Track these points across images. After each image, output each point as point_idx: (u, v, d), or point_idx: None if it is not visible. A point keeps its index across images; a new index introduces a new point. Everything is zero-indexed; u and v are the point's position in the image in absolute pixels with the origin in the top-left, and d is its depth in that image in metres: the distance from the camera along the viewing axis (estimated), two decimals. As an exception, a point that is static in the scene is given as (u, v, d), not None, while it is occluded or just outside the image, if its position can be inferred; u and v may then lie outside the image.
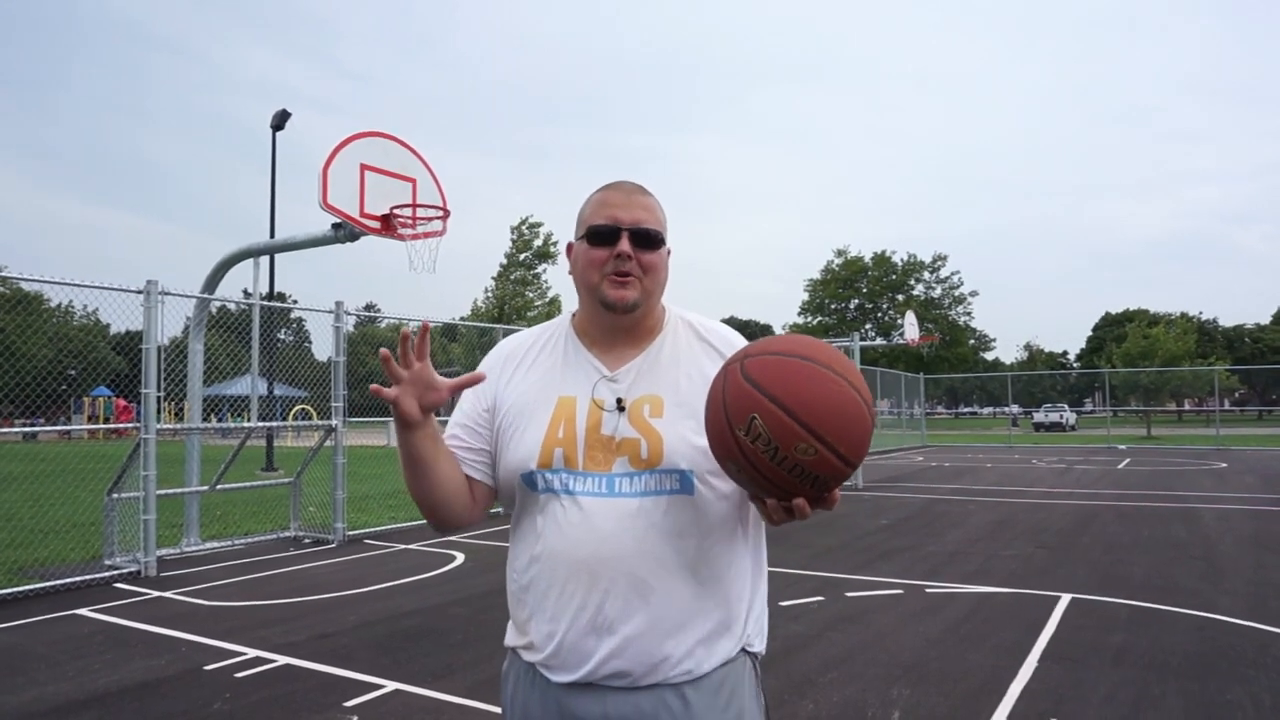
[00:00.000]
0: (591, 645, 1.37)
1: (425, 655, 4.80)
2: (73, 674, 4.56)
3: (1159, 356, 37.01)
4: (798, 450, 1.16)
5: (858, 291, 57.03)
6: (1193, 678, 4.29)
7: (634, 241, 1.45)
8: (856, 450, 1.19)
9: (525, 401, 1.50)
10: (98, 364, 36.21)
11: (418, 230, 8.51)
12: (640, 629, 1.37)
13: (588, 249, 1.48)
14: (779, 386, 1.18)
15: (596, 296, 1.47)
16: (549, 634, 1.41)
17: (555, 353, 1.55)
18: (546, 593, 1.42)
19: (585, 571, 1.38)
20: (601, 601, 1.37)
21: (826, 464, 1.17)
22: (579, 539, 1.39)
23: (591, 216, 1.49)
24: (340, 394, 9.10)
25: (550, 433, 1.45)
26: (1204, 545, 8.13)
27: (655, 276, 1.48)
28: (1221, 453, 22.92)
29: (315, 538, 9.03)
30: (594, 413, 1.45)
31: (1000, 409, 62.44)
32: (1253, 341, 62.05)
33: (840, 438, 1.17)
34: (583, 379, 1.50)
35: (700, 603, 1.40)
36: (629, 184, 1.53)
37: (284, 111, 18.22)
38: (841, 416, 1.17)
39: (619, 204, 1.47)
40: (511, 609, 1.51)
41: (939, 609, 5.76)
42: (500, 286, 37.56)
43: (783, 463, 1.17)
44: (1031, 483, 14.76)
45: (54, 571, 7.11)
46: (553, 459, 1.43)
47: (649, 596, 1.37)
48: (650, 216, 1.48)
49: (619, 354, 1.51)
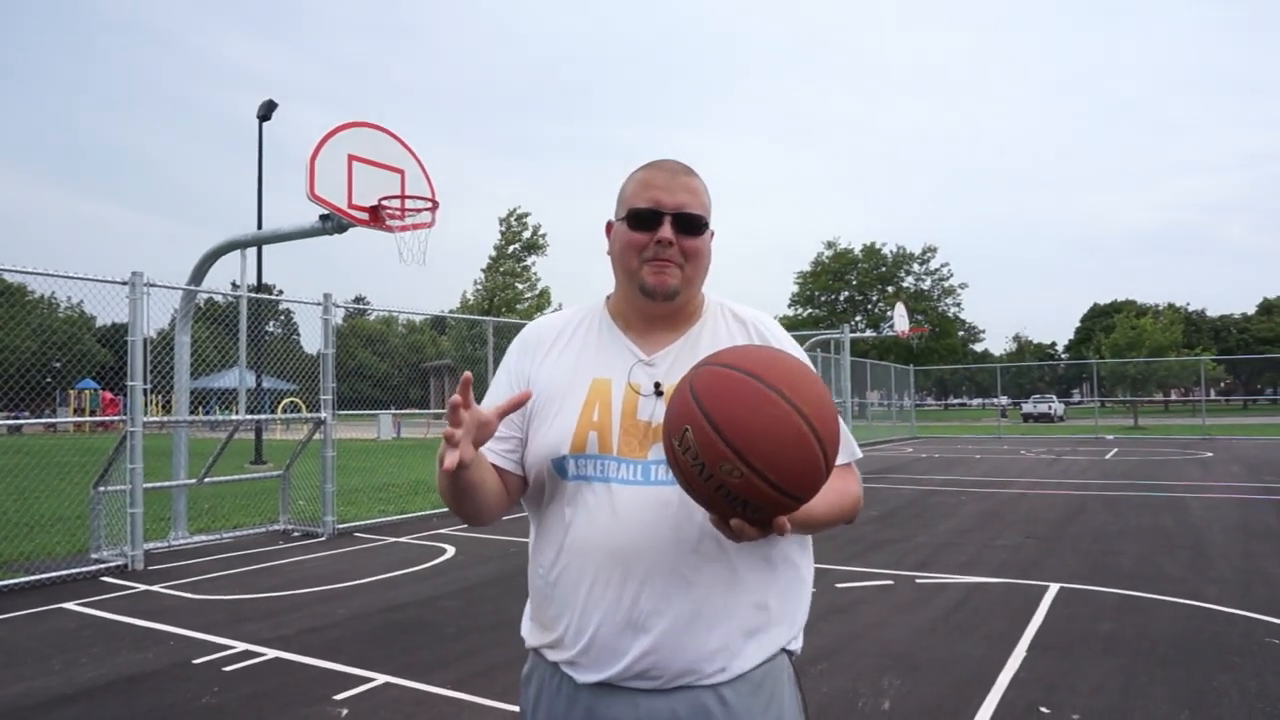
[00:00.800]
0: (626, 641, 1.31)
1: (416, 648, 4.78)
2: (59, 668, 4.52)
3: (1146, 347, 37.25)
4: (722, 470, 1.09)
5: (847, 284, 57.19)
6: (1180, 665, 4.32)
7: (676, 226, 1.38)
8: (791, 480, 1.10)
9: (558, 385, 1.43)
10: (83, 356, 35.97)
11: (406, 221, 8.47)
12: (677, 624, 1.30)
13: (627, 231, 1.40)
14: (713, 402, 1.12)
15: (635, 282, 1.41)
16: (579, 629, 1.34)
17: (589, 335, 1.48)
18: (577, 586, 1.35)
19: (619, 563, 1.31)
20: (637, 595, 1.30)
21: (754, 489, 1.09)
22: (613, 528, 1.32)
23: (633, 197, 1.42)
24: (329, 386, 9.05)
25: (584, 416, 1.38)
26: (1191, 534, 8.19)
27: (698, 263, 1.42)
28: (1208, 442, 23.10)
29: (304, 531, 8.99)
30: (630, 397, 1.38)
31: (989, 400, 62.73)
32: (1238, 332, 62.52)
33: (770, 465, 1.08)
34: (618, 362, 1.43)
35: (740, 597, 1.34)
36: (673, 163, 1.45)
37: (270, 102, 18.07)
38: (774, 443, 1.09)
39: (662, 185, 1.40)
40: (535, 606, 1.45)
41: (929, 599, 5.78)
42: (490, 278, 37.44)
43: (709, 480, 1.11)
44: (1020, 473, 14.83)
45: (39, 565, 7.05)
46: (586, 443, 1.36)
47: (687, 590, 1.30)
48: (695, 200, 1.41)
49: (656, 338, 1.45)
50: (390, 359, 54.52)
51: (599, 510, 1.34)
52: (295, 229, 8.54)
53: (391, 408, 35.08)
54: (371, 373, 46.93)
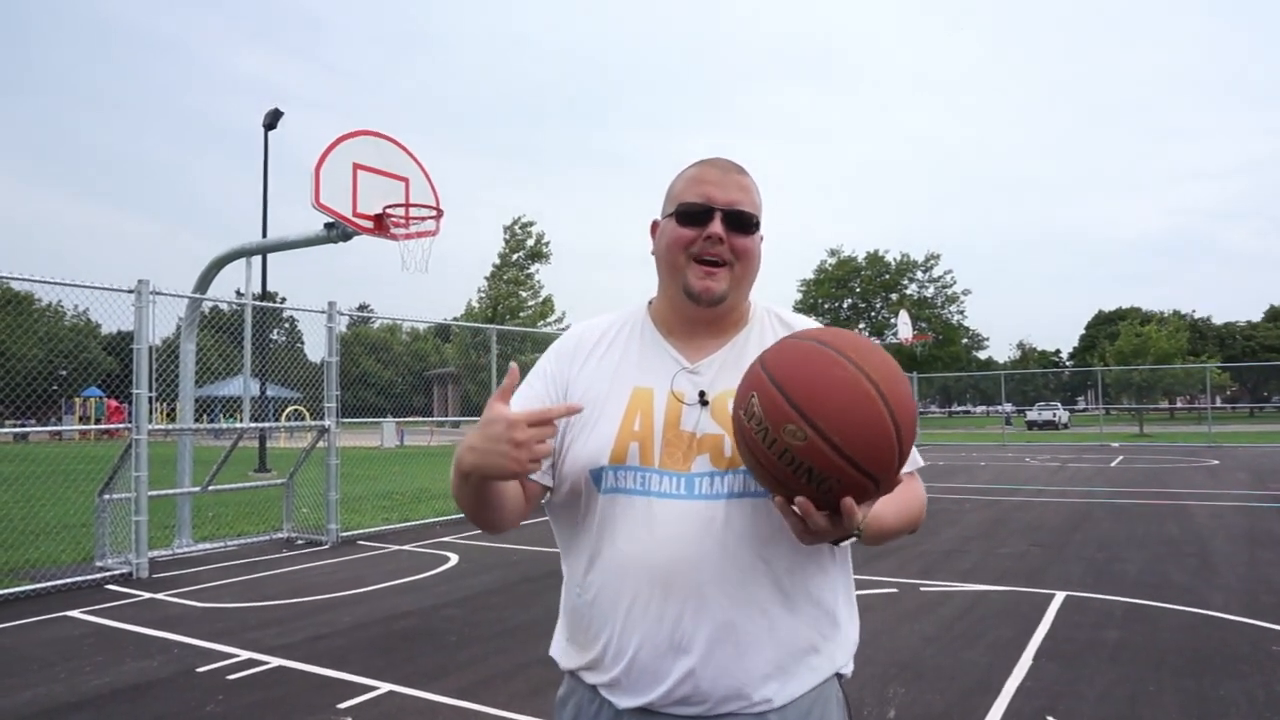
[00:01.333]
0: (668, 664, 1.24)
1: (420, 656, 4.77)
2: (64, 676, 4.53)
3: (1151, 354, 37.15)
4: (786, 433, 1.06)
5: (851, 291, 57.09)
6: (1188, 674, 4.29)
7: (727, 223, 1.32)
8: (856, 444, 1.05)
9: (597, 393, 1.37)
10: (89, 364, 36.07)
11: (411, 230, 8.49)
12: (721, 647, 1.24)
13: (675, 227, 1.35)
14: (779, 366, 1.11)
15: (680, 282, 1.34)
16: (619, 650, 1.28)
17: (630, 341, 1.42)
18: (615, 604, 1.28)
19: (660, 581, 1.25)
20: (679, 615, 1.24)
21: (818, 453, 1.05)
22: (654, 544, 1.26)
23: (683, 193, 1.36)
24: (333, 394, 9.05)
25: (625, 425, 1.32)
26: (1197, 542, 8.15)
27: (747, 263, 1.36)
28: (1214, 450, 23.00)
29: (308, 539, 8.99)
30: (673, 406, 1.32)
31: (993, 407, 62.62)
32: (1244, 339, 62.32)
33: (833, 424, 1.05)
34: (660, 370, 1.37)
35: (788, 620, 1.27)
36: (726, 161, 1.40)
37: (276, 110, 18.12)
38: (837, 399, 1.06)
39: (714, 181, 1.35)
40: (570, 625, 1.38)
41: (934, 607, 5.76)
42: (493, 286, 37.50)
43: (772, 446, 1.08)
44: (1025, 481, 14.79)
45: (45, 573, 7.06)
46: (627, 454, 1.30)
47: (732, 611, 1.24)
48: (747, 198, 1.36)
49: (700, 345, 1.39)
50: (394, 367, 54.60)
51: (639, 525, 1.27)
52: (300, 237, 8.57)
53: (395, 416, 35.13)
54: (375, 380, 47.02)
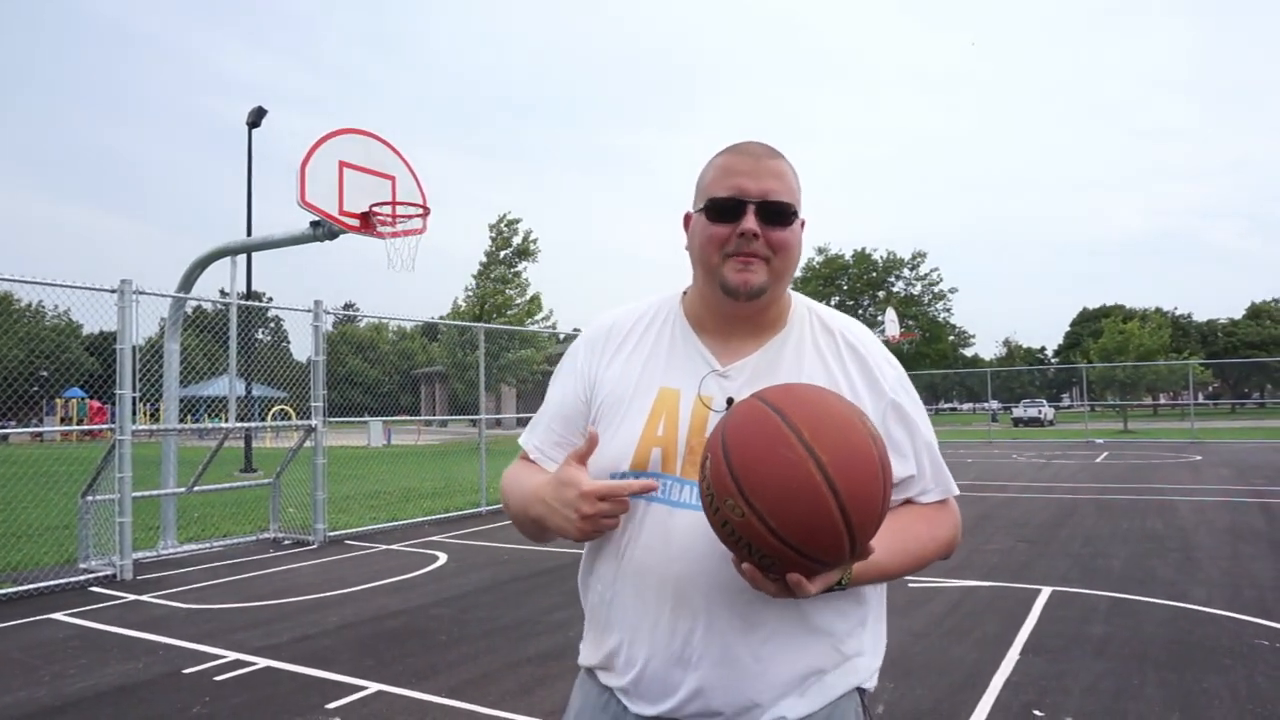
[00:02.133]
0: (678, 678, 1.21)
1: (408, 656, 4.75)
2: (48, 679, 4.48)
3: (1134, 351, 37.45)
4: (726, 505, 1.03)
5: (838, 289, 57.34)
6: (1172, 668, 4.33)
7: (762, 216, 1.24)
8: (792, 530, 1.00)
9: (622, 389, 1.31)
10: (70, 365, 35.75)
11: (397, 228, 8.46)
12: (733, 665, 1.20)
13: (707, 224, 1.27)
14: (734, 433, 1.06)
15: (716, 279, 1.27)
16: (629, 659, 1.26)
17: (661, 336, 1.35)
18: (628, 613, 1.26)
19: (673, 595, 1.22)
20: (690, 631, 1.21)
21: (754, 532, 1.02)
22: (669, 556, 1.22)
23: (713, 185, 1.28)
24: (320, 394, 9.01)
25: (648, 429, 1.27)
26: (1181, 537, 8.23)
27: (786, 256, 1.27)
28: (1196, 446, 23.21)
29: (295, 539, 8.94)
30: (699, 411, 1.26)
31: (980, 404, 62.99)
32: (1226, 336, 62.94)
33: (769, 507, 1.00)
34: (690, 371, 1.30)
35: (805, 636, 1.23)
36: (757, 145, 1.30)
37: (260, 108, 18.00)
38: (776, 482, 1.00)
39: (746, 171, 1.26)
40: (590, 625, 1.36)
41: (922, 603, 5.79)
42: (480, 285, 37.39)
43: (716, 513, 1.06)
44: (1011, 477, 14.88)
45: (27, 575, 6.99)
46: (649, 460, 1.25)
47: (746, 629, 1.20)
48: (782, 186, 1.26)
49: (735, 346, 1.31)
50: (380, 366, 54.36)
51: (655, 535, 1.24)
52: (286, 236, 8.51)
53: (382, 415, 34.97)
54: (362, 380, 46.79)
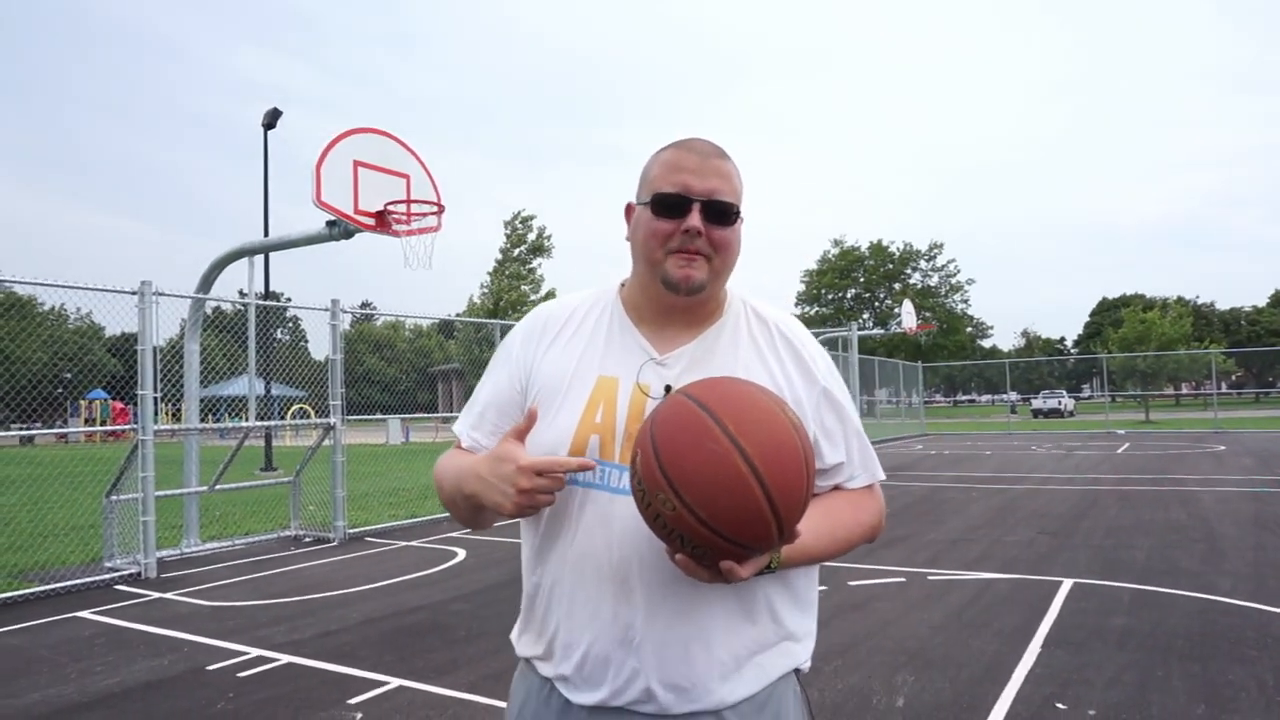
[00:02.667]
0: (619, 660, 1.23)
1: (429, 652, 4.79)
2: (75, 676, 4.55)
3: (1155, 341, 37.07)
4: (657, 500, 1.06)
5: (855, 281, 57.10)
6: (1196, 659, 4.29)
7: (706, 215, 1.26)
8: (723, 520, 1.04)
9: (560, 378, 1.33)
10: (93, 367, 36.11)
11: (412, 226, 8.48)
12: (675, 647, 1.22)
13: (651, 218, 1.29)
14: (661, 429, 1.09)
15: (658, 274, 1.29)
16: (568, 645, 1.27)
17: (599, 326, 1.37)
18: (568, 600, 1.27)
19: (615, 579, 1.23)
20: (633, 613, 1.23)
21: (685, 524, 1.05)
22: (609, 541, 1.24)
23: (659, 180, 1.29)
24: (338, 392, 9.07)
25: (586, 416, 1.29)
26: (1204, 528, 8.14)
27: (727, 255, 1.30)
28: (1220, 435, 22.97)
29: (316, 536, 9.01)
30: (638, 399, 1.28)
31: (998, 396, 62.54)
32: (1249, 324, 62.17)
33: (698, 499, 1.04)
34: (628, 359, 1.33)
35: (744, 618, 1.26)
36: (704, 143, 1.32)
37: (275, 110, 18.16)
38: (705, 475, 1.04)
39: (692, 168, 1.28)
40: (526, 614, 1.37)
41: (942, 596, 5.76)
42: (496, 282, 37.52)
43: (648, 508, 1.08)
44: (1031, 469, 14.78)
45: (54, 574, 7.09)
46: (586, 447, 1.27)
47: (687, 610, 1.23)
48: (727, 186, 1.29)
49: (671, 336, 1.34)
50: (398, 364, 54.64)
51: (595, 521, 1.26)
52: (302, 235, 8.56)
53: (400, 413, 35.16)
54: (379, 378, 47.06)
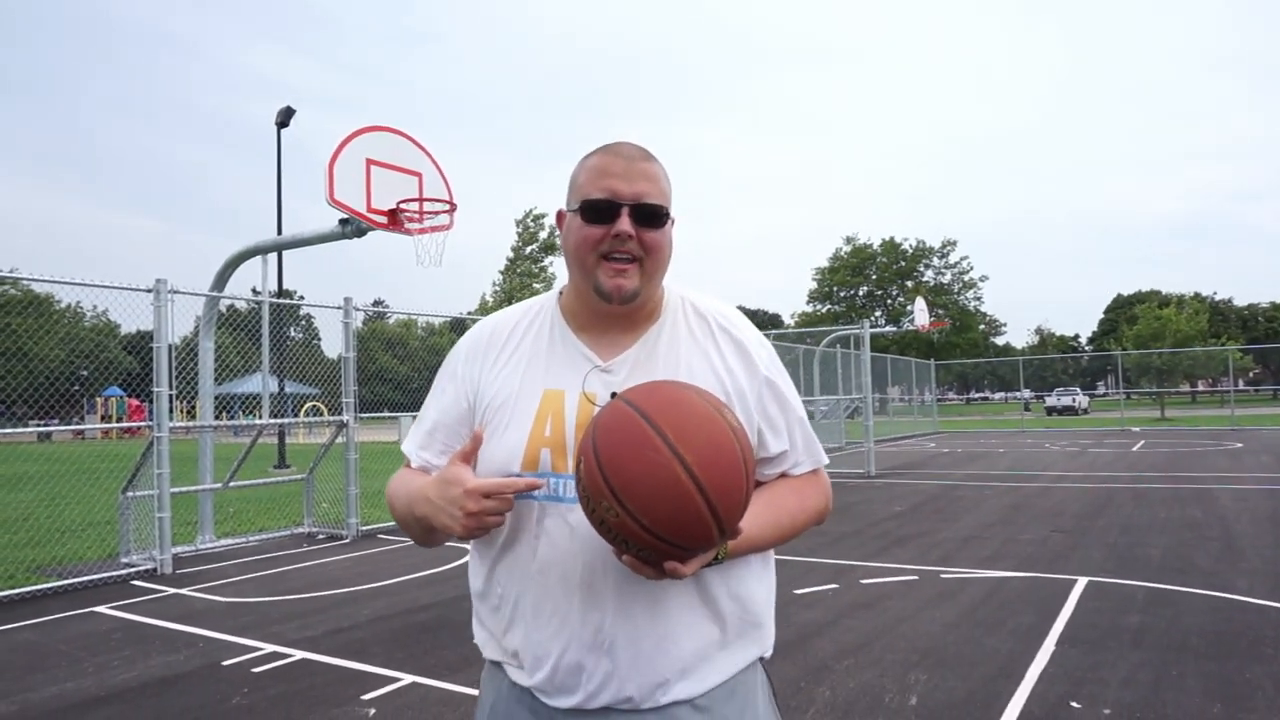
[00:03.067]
0: (591, 666, 1.24)
1: (441, 648, 4.81)
2: (92, 670, 4.59)
3: (1171, 338, 36.76)
4: (602, 507, 1.08)
5: (867, 279, 56.83)
6: (1212, 658, 4.26)
7: (635, 218, 1.27)
8: (665, 526, 1.06)
9: (506, 394, 1.34)
10: (109, 364, 36.39)
11: (424, 224, 8.51)
12: (645, 646, 1.24)
13: (582, 225, 1.29)
14: (604, 438, 1.10)
15: (591, 283, 1.30)
16: (540, 657, 1.27)
17: (540, 338, 1.38)
18: (534, 612, 1.27)
19: (583, 586, 1.24)
20: (601, 620, 1.24)
21: (629, 530, 1.07)
22: (573, 550, 1.25)
23: (586, 186, 1.30)
24: (351, 390, 9.11)
25: (536, 431, 1.29)
26: (1221, 526, 8.07)
27: (658, 257, 1.30)
28: (1237, 433, 22.77)
29: (329, 533, 9.06)
30: (585, 408, 1.29)
31: (1012, 394, 62.20)
32: (1267, 320, 61.57)
33: (641, 507, 1.05)
34: (571, 370, 1.33)
35: (709, 611, 1.29)
36: (629, 146, 1.33)
37: (288, 109, 18.21)
38: (648, 488, 1.05)
39: (619, 173, 1.28)
40: (484, 618, 1.37)
41: (954, 594, 5.74)
42: (508, 280, 37.59)
43: (592, 514, 1.10)
44: (1045, 467, 14.69)
45: (71, 570, 7.16)
46: (539, 461, 1.28)
47: (654, 610, 1.24)
48: (654, 188, 1.30)
49: (613, 340, 1.35)
50: (410, 362, 54.82)
51: (556, 533, 1.26)
52: (315, 234, 8.60)
53: (412, 410, 35.28)
54: (392, 376, 47.20)
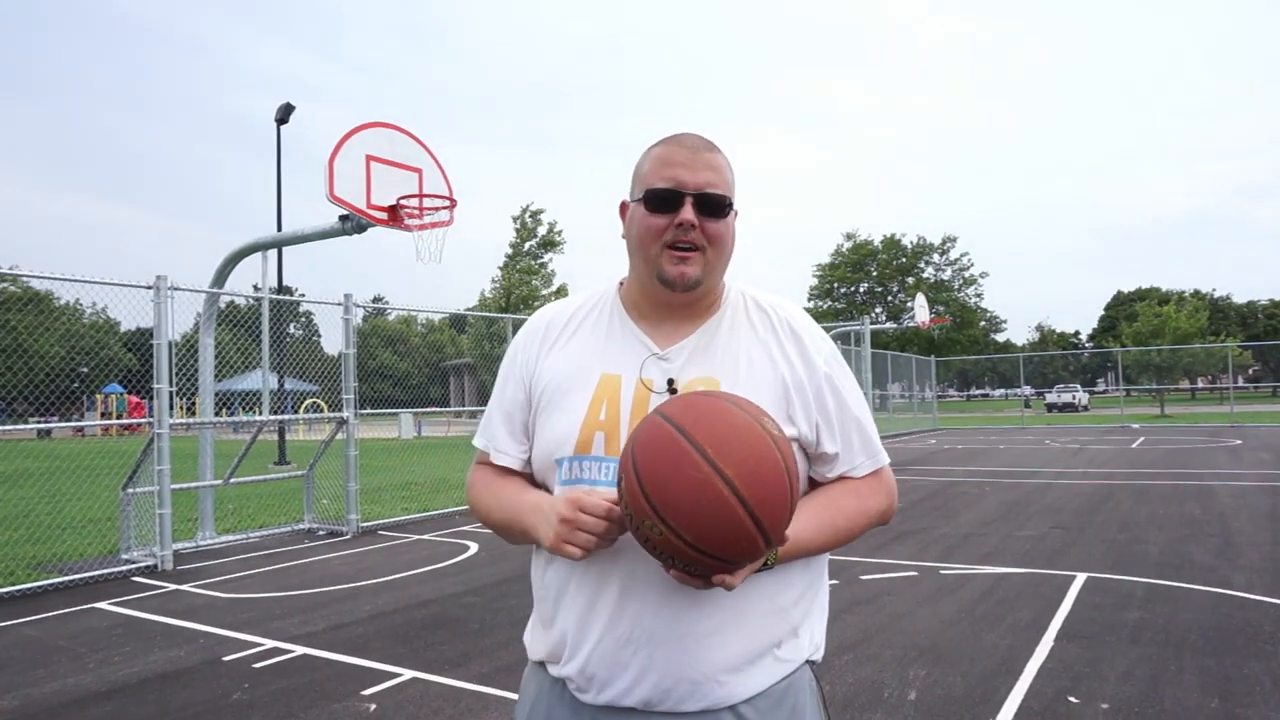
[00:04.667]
0: (626, 658, 1.22)
1: (441, 644, 4.82)
2: (93, 666, 4.60)
3: (1170, 335, 36.76)
4: (645, 525, 1.08)
5: (867, 275, 56.86)
6: (1210, 654, 4.27)
7: (699, 208, 1.27)
8: (710, 541, 1.05)
9: (563, 378, 1.34)
10: (109, 361, 36.44)
11: (424, 220, 8.51)
12: (685, 643, 1.21)
13: (645, 214, 1.29)
14: (642, 455, 1.09)
15: (654, 271, 1.30)
16: (578, 645, 1.26)
17: (599, 324, 1.38)
18: (575, 599, 1.27)
19: (623, 576, 1.23)
20: (639, 612, 1.22)
21: (674, 548, 1.06)
22: (617, 541, 1.23)
23: (650, 176, 1.30)
24: (351, 386, 9.11)
25: (590, 414, 1.29)
26: (1220, 522, 8.09)
27: (721, 248, 1.30)
28: (1236, 430, 22.78)
29: (329, 530, 9.07)
30: (641, 394, 1.28)
31: (1012, 390, 62.23)
32: (1266, 318, 61.56)
33: (684, 524, 1.05)
34: (629, 356, 1.33)
35: (751, 613, 1.24)
36: (694, 138, 1.33)
37: (288, 105, 18.20)
38: (689, 502, 1.05)
39: (683, 163, 1.28)
40: (535, 615, 1.38)
41: (954, 590, 5.75)
42: (507, 276, 37.53)
43: (637, 531, 1.10)
44: (1045, 463, 14.70)
45: (72, 566, 7.17)
46: (592, 443, 1.28)
47: (695, 606, 1.22)
48: (718, 178, 1.29)
49: (671, 330, 1.35)
50: (410, 358, 54.87)
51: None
52: (316, 230, 8.60)
53: (412, 407, 35.32)
54: (392, 372, 47.26)
